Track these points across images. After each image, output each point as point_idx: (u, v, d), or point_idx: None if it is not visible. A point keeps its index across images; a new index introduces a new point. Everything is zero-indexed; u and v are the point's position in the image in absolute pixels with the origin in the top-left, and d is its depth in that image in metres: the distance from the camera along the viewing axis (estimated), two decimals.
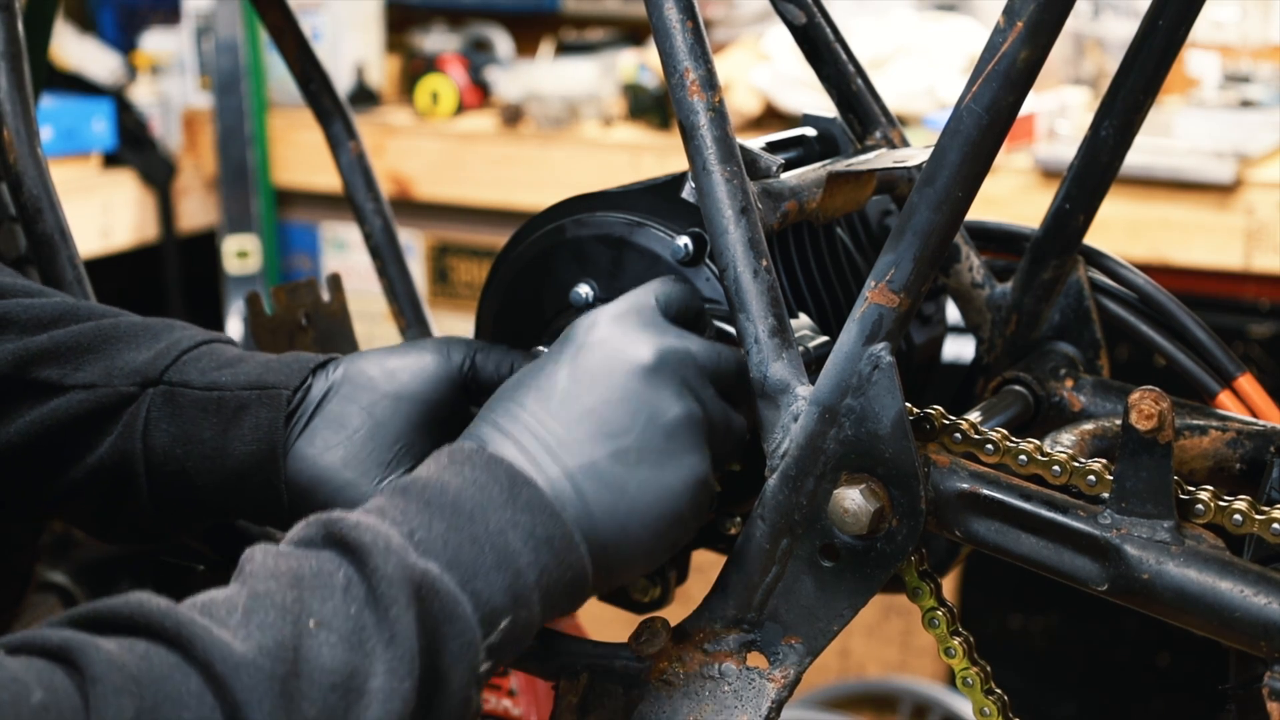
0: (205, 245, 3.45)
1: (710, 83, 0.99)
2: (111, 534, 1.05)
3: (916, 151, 1.16)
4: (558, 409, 0.91)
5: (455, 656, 0.82)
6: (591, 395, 0.92)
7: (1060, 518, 0.92)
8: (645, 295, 0.97)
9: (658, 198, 1.07)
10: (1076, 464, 0.94)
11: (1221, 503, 0.91)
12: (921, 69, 3.01)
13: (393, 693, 0.77)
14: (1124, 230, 2.60)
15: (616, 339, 0.93)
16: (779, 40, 3.08)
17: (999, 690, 0.98)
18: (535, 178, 3.15)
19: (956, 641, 0.97)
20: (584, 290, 1.08)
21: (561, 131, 3.20)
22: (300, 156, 3.38)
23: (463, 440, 0.91)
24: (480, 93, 3.42)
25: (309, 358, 1.02)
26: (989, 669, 0.98)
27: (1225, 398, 1.15)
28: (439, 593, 0.82)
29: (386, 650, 0.78)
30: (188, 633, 0.73)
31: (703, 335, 0.99)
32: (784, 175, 1.07)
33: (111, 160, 3.25)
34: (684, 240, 1.04)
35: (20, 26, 1.23)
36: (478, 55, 3.48)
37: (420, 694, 0.79)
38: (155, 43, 3.66)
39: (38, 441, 1.00)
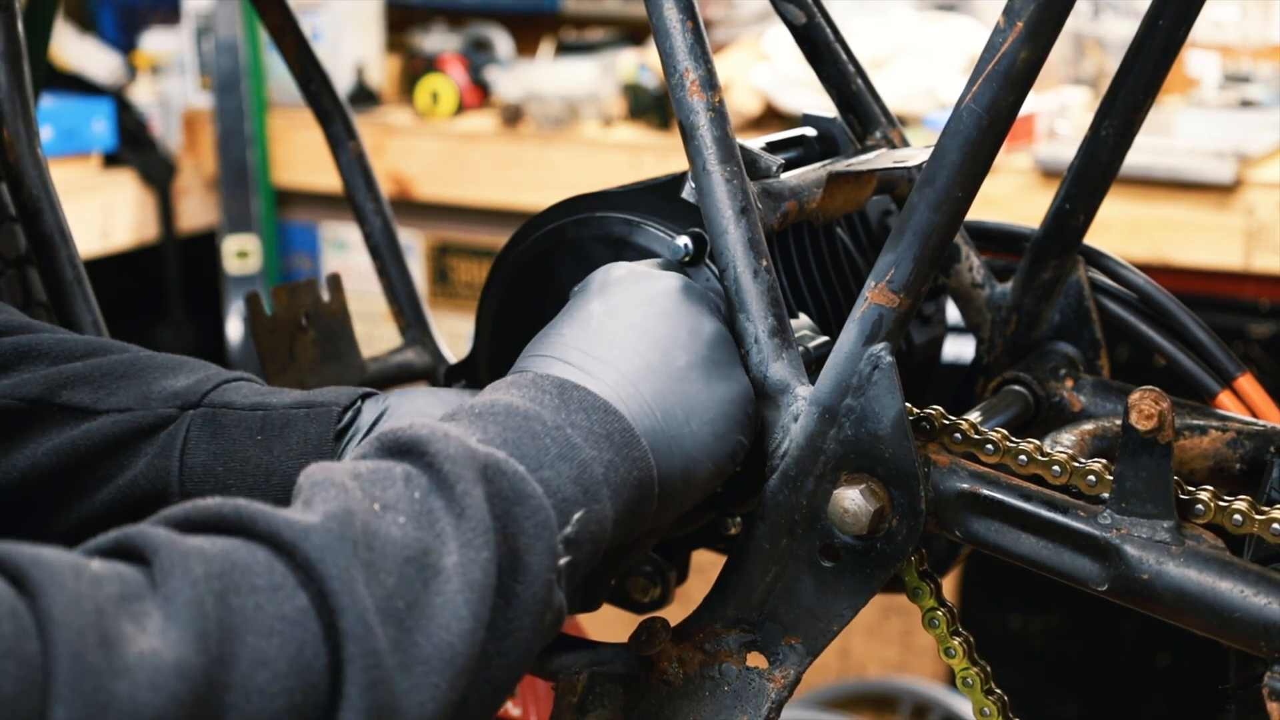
0: (205, 245, 3.45)
1: (710, 83, 0.99)
2: None
3: (916, 151, 1.16)
4: (599, 329, 0.91)
5: (532, 537, 0.78)
6: (631, 314, 0.92)
7: (1060, 518, 0.92)
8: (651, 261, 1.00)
9: (658, 198, 1.07)
10: (1076, 464, 0.94)
11: (1221, 503, 0.91)
12: (921, 69, 3.01)
13: (470, 563, 0.74)
14: (1124, 230, 2.60)
15: (639, 274, 0.95)
16: (779, 40, 3.08)
17: (999, 690, 0.98)
18: (535, 178, 3.15)
19: (956, 641, 0.97)
20: None
21: (561, 131, 3.20)
22: (300, 156, 3.38)
23: (527, 371, 0.91)
24: (480, 93, 3.42)
25: (356, 389, 1.02)
26: (989, 669, 0.98)
27: (1225, 398, 1.15)
28: (506, 474, 0.79)
29: (458, 527, 0.75)
30: (247, 514, 0.71)
31: None
32: (784, 175, 1.07)
33: (111, 160, 3.25)
34: (684, 240, 1.04)
35: (20, 26, 1.23)
36: (478, 55, 3.48)
37: (500, 575, 0.76)
38: (155, 43, 3.66)
39: (69, 463, 0.99)
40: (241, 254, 3.41)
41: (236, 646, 0.66)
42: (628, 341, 0.91)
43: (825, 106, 1.25)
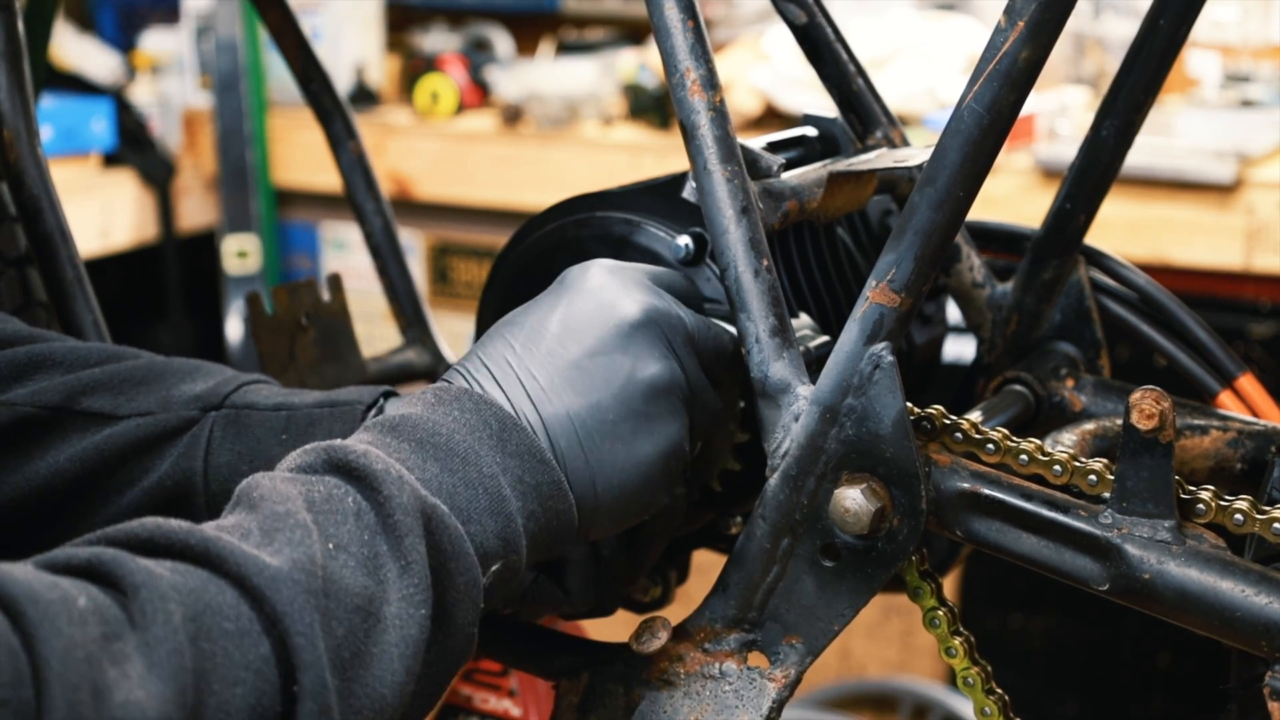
0: (205, 245, 3.44)
1: (711, 82, 0.99)
2: None
3: (917, 151, 1.16)
4: (545, 358, 0.92)
5: (461, 593, 0.82)
6: (578, 346, 0.93)
7: (1061, 517, 0.92)
8: (642, 266, 1.00)
9: (658, 198, 1.07)
10: (1077, 464, 0.94)
11: (1222, 502, 0.91)
12: (921, 69, 3.01)
13: (409, 619, 0.77)
14: (1124, 230, 2.60)
15: (609, 290, 0.95)
16: (779, 40, 3.08)
17: (999, 690, 0.98)
18: (535, 178, 3.15)
19: (957, 641, 0.97)
20: None
21: (561, 131, 3.19)
22: (300, 156, 3.38)
23: (452, 375, 0.93)
24: (480, 93, 3.42)
25: (378, 388, 1.03)
26: (989, 669, 0.98)
27: (1226, 397, 1.15)
28: (446, 529, 0.82)
29: (401, 578, 0.77)
30: (215, 549, 0.72)
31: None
32: (785, 175, 1.07)
33: (111, 160, 3.24)
34: (684, 240, 1.04)
35: (20, 26, 1.23)
36: (478, 55, 3.48)
37: (431, 625, 0.79)
38: (155, 42, 3.66)
39: (92, 468, 0.99)
40: (241, 254, 3.41)
41: (205, 695, 0.68)
42: (568, 382, 0.92)
43: (825, 106, 1.25)
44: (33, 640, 0.63)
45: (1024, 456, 0.95)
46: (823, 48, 1.22)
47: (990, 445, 0.96)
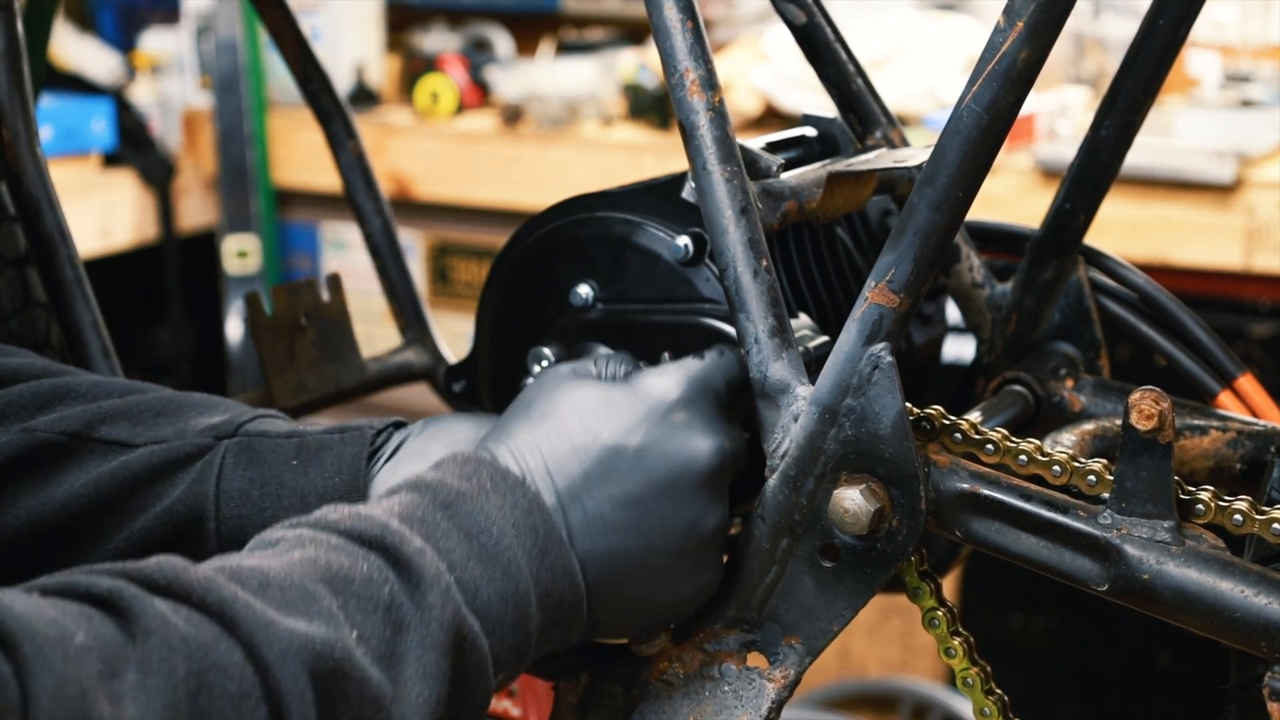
0: (205, 245, 3.44)
1: (710, 83, 0.99)
2: None
3: (916, 151, 1.16)
4: (608, 486, 0.91)
5: (473, 708, 0.83)
6: (648, 484, 0.91)
7: (1060, 518, 0.92)
8: (712, 374, 0.97)
9: (658, 198, 1.07)
10: (1077, 464, 0.94)
11: (1222, 503, 0.91)
12: (921, 69, 3.01)
13: None
14: (1124, 230, 2.60)
15: (681, 438, 0.93)
16: (779, 40, 3.08)
17: (999, 690, 0.98)
18: (535, 178, 3.15)
19: (957, 641, 0.97)
20: (584, 290, 1.08)
21: (561, 131, 3.19)
22: (300, 156, 3.38)
23: (505, 458, 0.91)
24: (480, 93, 3.42)
25: (389, 419, 1.03)
26: (989, 669, 0.98)
27: (1226, 398, 1.15)
28: (477, 650, 0.82)
29: (417, 683, 0.78)
30: (230, 611, 0.72)
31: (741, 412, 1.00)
32: (784, 175, 1.07)
33: (111, 160, 3.24)
34: (684, 240, 1.04)
35: (20, 26, 1.23)
36: (478, 55, 3.48)
37: None
38: (155, 42, 3.66)
39: (107, 494, 1.00)
40: (241, 254, 3.41)
41: None
42: (628, 517, 0.91)
43: (825, 106, 1.25)
44: (26, 675, 0.64)
45: (1023, 457, 0.95)
46: (822, 48, 1.22)
47: (989, 446, 0.96)
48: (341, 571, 0.78)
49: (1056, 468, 0.94)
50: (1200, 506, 0.91)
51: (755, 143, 1.09)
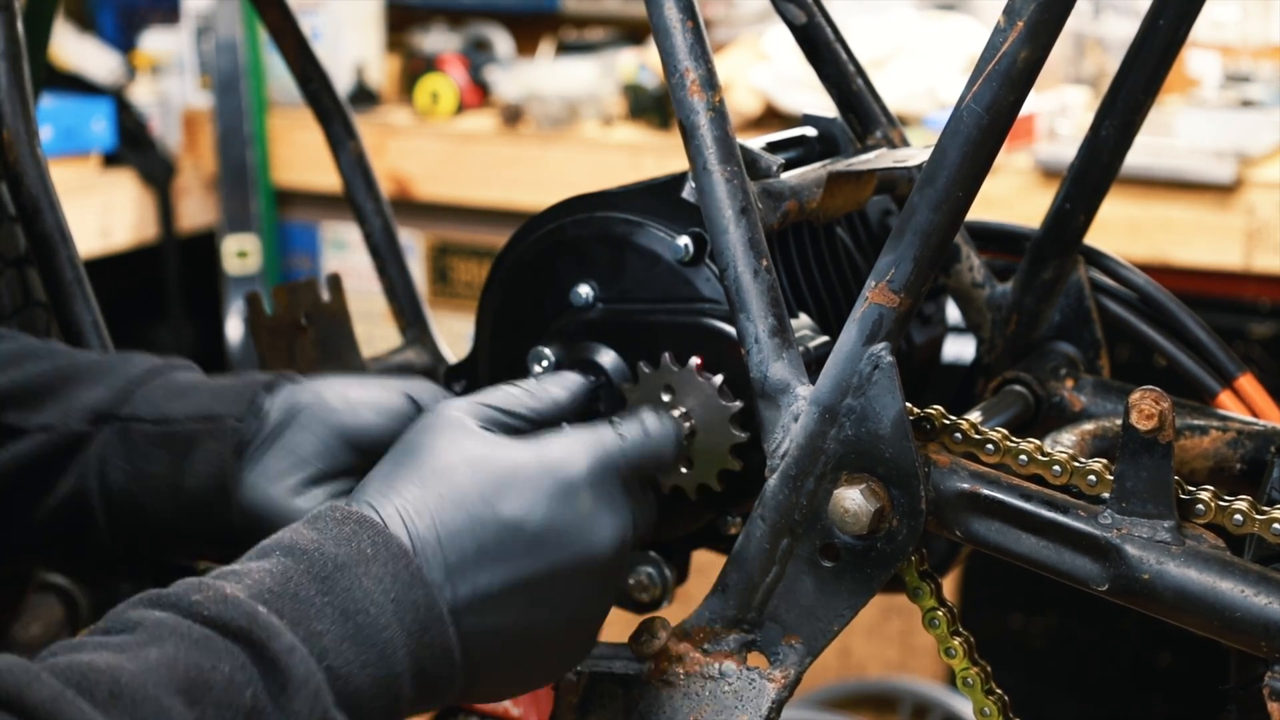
0: (205, 245, 3.45)
1: (710, 82, 0.99)
2: (80, 570, 1.04)
3: (916, 151, 1.16)
4: (503, 564, 0.86)
5: None
6: (540, 573, 0.87)
7: (1060, 518, 0.92)
8: (625, 449, 0.94)
9: (658, 198, 1.07)
10: (1077, 464, 0.94)
11: (1222, 503, 0.91)
12: (921, 69, 3.01)
13: None
14: (1124, 230, 2.60)
15: (584, 524, 0.89)
16: (779, 40, 3.08)
17: (999, 690, 0.98)
18: (535, 178, 3.15)
19: (957, 641, 0.97)
20: (584, 290, 1.08)
21: (561, 131, 3.19)
22: (300, 156, 3.38)
23: (405, 539, 0.84)
24: (480, 93, 3.42)
25: (257, 381, 0.99)
26: (989, 669, 0.98)
27: (1226, 398, 1.15)
28: None
29: None
30: None
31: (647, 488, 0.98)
32: (784, 175, 1.07)
33: (111, 160, 3.25)
34: (684, 240, 1.04)
35: (20, 26, 1.23)
36: (478, 55, 3.48)
37: None
38: (155, 42, 3.66)
39: (7, 482, 0.99)
40: (241, 254, 3.41)
41: None
42: (515, 601, 0.87)
43: (825, 106, 1.25)
44: None
45: (1023, 457, 0.95)
46: (822, 48, 1.22)
47: (989, 445, 0.96)
48: (200, 677, 0.73)
49: (1056, 467, 0.94)
50: (1200, 506, 0.91)
51: (755, 143, 1.09)
